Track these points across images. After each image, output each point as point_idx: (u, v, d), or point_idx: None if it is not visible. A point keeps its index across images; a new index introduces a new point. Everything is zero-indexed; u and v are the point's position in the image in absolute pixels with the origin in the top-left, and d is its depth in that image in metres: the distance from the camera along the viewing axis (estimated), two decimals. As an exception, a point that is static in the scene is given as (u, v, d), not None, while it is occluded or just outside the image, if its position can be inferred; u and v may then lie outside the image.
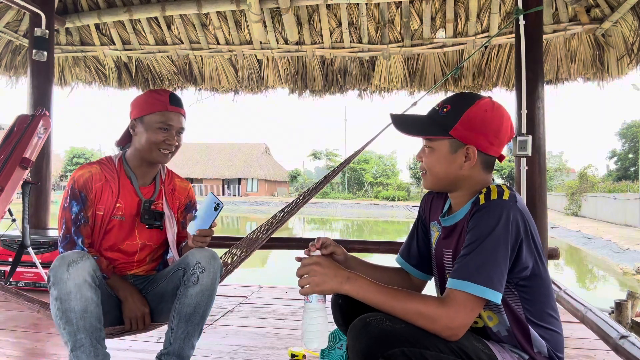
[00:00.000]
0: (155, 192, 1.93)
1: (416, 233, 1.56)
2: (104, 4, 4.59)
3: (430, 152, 1.32)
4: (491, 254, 1.15)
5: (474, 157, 1.29)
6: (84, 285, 1.52)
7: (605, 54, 4.10)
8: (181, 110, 1.87)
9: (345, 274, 1.25)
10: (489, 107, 1.29)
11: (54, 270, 1.54)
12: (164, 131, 1.82)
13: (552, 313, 1.28)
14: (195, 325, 1.71)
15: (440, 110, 1.32)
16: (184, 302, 1.69)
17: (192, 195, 2.06)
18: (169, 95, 1.84)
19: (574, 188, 26.92)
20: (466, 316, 1.15)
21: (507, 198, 1.21)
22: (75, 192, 1.78)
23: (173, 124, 1.83)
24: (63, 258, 1.56)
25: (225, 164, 46.59)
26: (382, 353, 1.10)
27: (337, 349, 1.93)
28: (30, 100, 4.11)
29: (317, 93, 4.89)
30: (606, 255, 14.01)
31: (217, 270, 1.74)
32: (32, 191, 3.40)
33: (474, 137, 1.28)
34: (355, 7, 4.35)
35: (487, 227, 1.17)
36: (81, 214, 1.77)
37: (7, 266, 3.32)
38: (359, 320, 1.17)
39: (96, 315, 1.54)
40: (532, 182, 3.25)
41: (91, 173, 1.82)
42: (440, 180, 1.34)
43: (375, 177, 47.69)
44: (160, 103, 1.82)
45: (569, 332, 2.67)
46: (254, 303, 3.34)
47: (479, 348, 1.20)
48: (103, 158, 1.93)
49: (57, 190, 40.65)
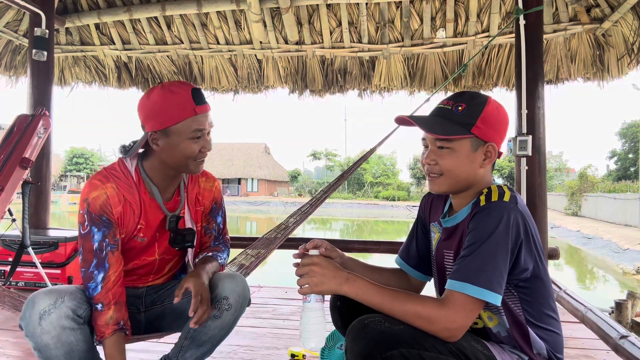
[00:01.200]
0: (180, 203, 1.68)
1: (415, 234, 1.55)
2: (104, 4, 4.59)
3: (449, 153, 1.27)
4: (491, 256, 1.15)
5: (494, 154, 1.29)
6: (62, 334, 1.38)
7: (605, 54, 4.10)
8: (208, 105, 1.56)
9: (345, 274, 1.24)
10: (497, 104, 1.31)
11: (25, 320, 1.38)
12: (198, 139, 1.53)
13: (551, 314, 1.28)
14: (204, 353, 1.66)
15: (454, 108, 1.28)
16: (200, 330, 1.58)
17: (218, 196, 1.80)
18: (191, 93, 1.51)
19: (574, 188, 26.92)
20: (465, 318, 1.15)
21: (508, 200, 1.20)
22: (93, 217, 1.50)
23: (206, 127, 1.54)
24: (34, 305, 1.36)
25: (225, 164, 46.57)
26: (380, 355, 1.10)
27: (337, 349, 1.93)
28: (30, 100, 4.10)
29: (317, 93, 4.89)
30: (606, 255, 14.00)
31: (244, 308, 1.63)
32: (32, 191, 3.39)
33: (492, 134, 1.28)
34: (355, 6, 4.35)
35: (487, 229, 1.17)
36: (106, 241, 1.51)
37: (7, 266, 3.32)
38: (357, 322, 1.17)
39: (85, 350, 1.45)
40: (532, 182, 3.25)
41: (107, 195, 1.52)
42: (459, 181, 1.30)
43: (375, 177, 47.64)
44: (186, 108, 1.49)
45: (569, 332, 2.67)
46: (253, 303, 3.33)
47: (477, 349, 1.20)
48: (115, 168, 1.58)
49: (57, 190, 40.66)
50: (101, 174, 1.56)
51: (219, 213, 1.81)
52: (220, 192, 1.82)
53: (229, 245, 1.87)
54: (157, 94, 1.51)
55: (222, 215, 1.83)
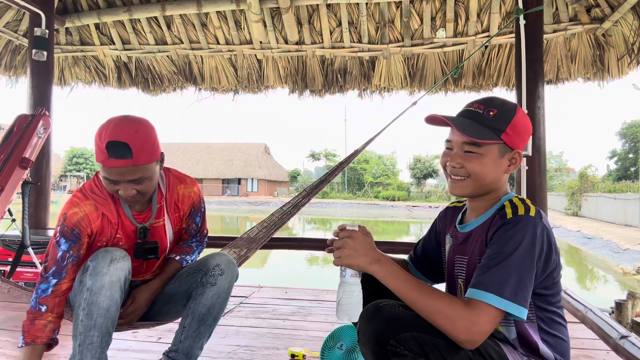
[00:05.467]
0: (152, 214, 1.75)
1: (429, 240, 1.57)
2: (103, 4, 4.59)
3: (477, 157, 1.27)
4: (517, 270, 1.14)
5: (519, 160, 1.31)
6: (116, 285, 1.52)
7: (605, 54, 4.10)
8: (123, 162, 1.49)
9: (377, 254, 1.23)
10: (524, 113, 1.33)
11: (95, 260, 1.52)
12: (113, 184, 1.56)
13: (560, 321, 1.28)
14: (207, 327, 1.72)
15: (486, 113, 1.28)
16: (199, 301, 1.70)
17: (197, 199, 1.86)
18: (106, 144, 1.48)
19: (574, 188, 26.90)
20: (487, 324, 1.12)
21: (534, 214, 1.21)
22: (65, 229, 1.61)
23: (117, 179, 1.53)
24: (107, 252, 1.54)
25: (225, 164, 46.57)
26: (393, 336, 1.11)
27: (337, 349, 1.93)
28: (30, 100, 4.11)
29: (317, 93, 4.89)
30: (606, 255, 14.00)
31: (235, 275, 1.77)
32: (32, 191, 3.40)
33: (519, 142, 1.29)
34: (355, 6, 4.34)
35: (515, 242, 1.16)
36: (70, 252, 1.61)
37: (7, 266, 3.32)
38: (371, 305, 1.18)
39: (113, 319, 1.54)
40: (532, 182, 3.25)
41: (85, 213, 1.63)
42: (483, 186, 1.30)
43: (375, 177, 47.62)
44: (100, 155, 1.52)
45: (569, 332, 2.66)
46: (253, 303, 3.33)
47: (489, 344, 1.19)
48: (92, 185, 1.68)
49: (57, 190, 40.66)
50: (81, 192, 1.67)
51: (198, 214, 1.91)
52: (199, 195, 1.88)
53: (204, 242, 2.01)
54: (99, 128, 1.54)
55: (201, 215, 1.93)
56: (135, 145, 1.50)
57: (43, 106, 3.38)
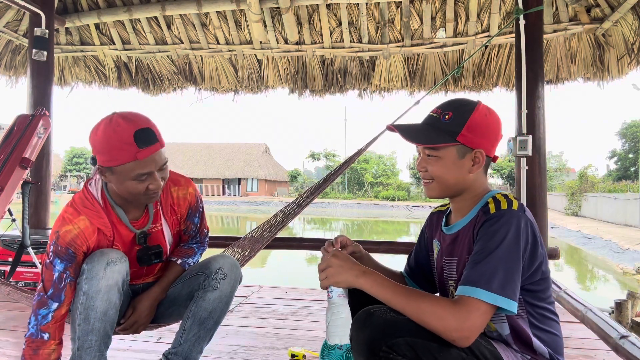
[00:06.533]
0: (149, 218, 1.69)
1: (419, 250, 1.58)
2: (103, 4, 4.59)
3: (436, 160, 1.31)
4: (504, 263, 1.15)
5: (482, 160, 1.31)
6: (113, 288, 1.50)
7: (605, 54, 4.10)
8: (154, 147, 1.47)
9: (361, 268, 1.26)
10: (487, 111, 1.32)
11: (91, 264, 1.49)
12: (143, 180, 1.50)
13: (552, 316, 1.28)
14: (208, 330, 1.70)
15: (442, 117, 1.32)
16: (200, 305, 1.67)
17: (193, 200, 1.80)
18: (134, 135, 1.43)
19: (574, 188, 26.90)
20: (478, 319, 1.12)
21: (517, 208, 1.22)
22: (59, 249, 1.52)
23: (152, 169, 1.49)
24: (103, 254, 1.50)
25: (225, 164, 46.56)
26: (385, 342, 1.11)
27: (336, 349, 1.93)
28: (30, 100, 4.11)
29: (317, 93, 4.90)
30: (606, 255, 14.00)
31: (238, 278, 1.73)
32: (32, 191, 3.40)
33: (479, 141, 1.30)
34: (355, 6, 4.35)
35: (500, 236, 1.17)
36: (67, 272, 1.53)
37: (7, 266, 3.32)
38: (362, 312, 1.18)
39: (112, 322, 1.53)
40: (532, 182, 3.25)
41: (80, 230, 1.54)
42: (449, 187, 1.34)
43: (375, 177, 47.63)
44: (128, 151, 1.43)
45: (569, 332, 2.67)
46: (253, 303, 3.33)
47: (481, 343, 1.19)
48: (82, 199, 1.59)
49: (57, 190, 40.68)
50: (72, 207, 1.58)
51: (196, 214, 1.85)
52: (196, 195, 1.82)
53: (205, 242, 1.93)
54: (102, 130, 1.46)
55: (200, 215, 1.88)
56: (155, 127, 1.50)
57: (43, 106, 3.38)
